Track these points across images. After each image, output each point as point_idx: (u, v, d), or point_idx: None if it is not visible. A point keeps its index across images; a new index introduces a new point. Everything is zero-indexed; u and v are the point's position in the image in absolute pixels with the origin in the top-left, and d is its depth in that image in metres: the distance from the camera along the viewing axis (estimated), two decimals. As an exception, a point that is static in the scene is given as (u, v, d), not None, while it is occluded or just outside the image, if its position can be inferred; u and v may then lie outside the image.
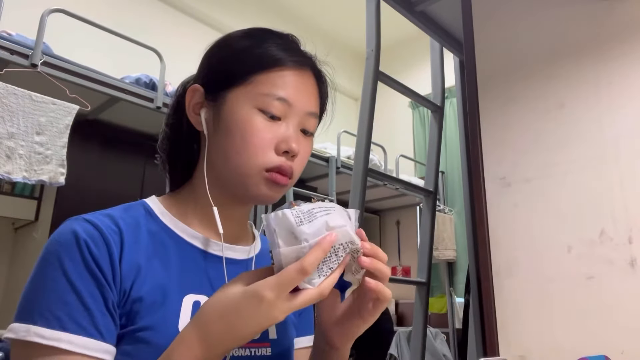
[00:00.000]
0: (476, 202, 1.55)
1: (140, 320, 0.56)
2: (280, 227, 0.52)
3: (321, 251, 0.50)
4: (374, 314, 0.58)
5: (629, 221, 1.25)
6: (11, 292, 3.02)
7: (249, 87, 0.63)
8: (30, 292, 0.55)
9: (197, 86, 0.67)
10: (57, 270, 0.55)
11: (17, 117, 2.11)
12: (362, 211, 1.72)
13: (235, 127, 0.62)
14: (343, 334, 0.61)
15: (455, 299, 4.68)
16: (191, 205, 0.68)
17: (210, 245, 0.67)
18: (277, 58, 0.65)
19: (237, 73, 0.64)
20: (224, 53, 0.68)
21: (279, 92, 0.63)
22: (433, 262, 2.48)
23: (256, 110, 0.62)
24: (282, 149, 0.62)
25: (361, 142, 1.79)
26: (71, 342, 0.52)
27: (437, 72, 2.23)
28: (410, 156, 5.36)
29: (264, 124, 0.62)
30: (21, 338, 0.52)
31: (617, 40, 1.36)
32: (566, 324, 1.30)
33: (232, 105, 0.63)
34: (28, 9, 2.69)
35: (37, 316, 0.53)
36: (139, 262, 0.59)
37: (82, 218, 0.59)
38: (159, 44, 2.96)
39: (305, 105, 0.65)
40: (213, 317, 0.52)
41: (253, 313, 0.50)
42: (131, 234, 0.60)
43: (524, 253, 1.41)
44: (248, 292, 0.51)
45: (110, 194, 2.92)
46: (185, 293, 0.61)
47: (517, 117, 1.51)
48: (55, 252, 0.56)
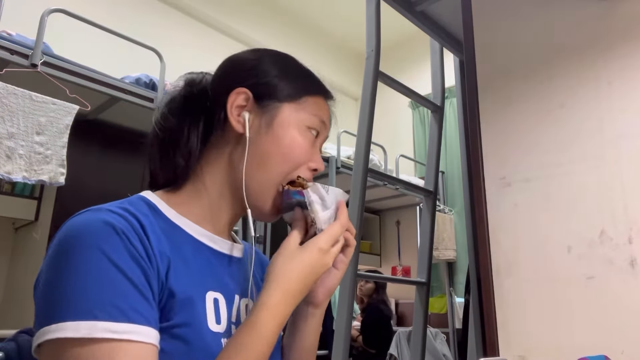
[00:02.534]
0: (476, 202, 1.55)
1: (174, 317, 0.56)
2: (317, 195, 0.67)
3: (347, 211, 0.68)
4: (345, 261, 0.70)
5: (629, 221, 1.25)
6: (11, 292, 3.02)
7: (302, 106, 0.70)
8: (73, 286, 0.50)
9: (245, 90, 0.69)
10: (102, 261, 0.52)
11: (17, 117, 2.11)
12: (362, 211, 1.72)
13: (285, 138, 0.68)
14: (324, 289, 0.71)
15: (455, 299, 4.68)
16: (200, 204, 0.68)
17: (218, 243, 0.68)
18: (320, 86, 0.75)
19: (294, 90, 0.70)
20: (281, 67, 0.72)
21: (324, 116, 0.72)
22: (433, 262, 2.48)
23: (305, 128, 0.70)
24: (313, 167, 0.71)
25: (361, 142, 1.79)
26: (140, 333, 0.51)
27: (437, 72, 2.23)
28: (410, 156, 5.36)
29: (309, 142, 0.70)
30: (85, 336, 0.48)
31: (618, 40, 1.36)
32: (566, 324, 1.30)
33: (286, 118, 0.68)
34: (28, 9, 2.69)
35: (97, 310, 0.49)
36: (168, 254, 0.59)
37: (106, 209, 0.57)
38: (159, 44, 2.96)
39: (328, 131, 0.75)
40: (290, 275, 0.61)
41: (316, 262, 0.63)
42: (151, 228, 0.59)
43: (524, 253, 1.41)
44: (309, 246, 0.63)
45: (110, 194, 2.88)
46: (206, 290, 0.62)
47: (517, 117, 1.51)
48: (92, 243, 0.52)
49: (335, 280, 0.71)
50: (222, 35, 4.89)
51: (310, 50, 5.55)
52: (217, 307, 0.62)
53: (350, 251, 0.70)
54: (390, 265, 5.58)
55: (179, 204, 0.67)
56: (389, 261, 5.64)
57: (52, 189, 2.86)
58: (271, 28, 5.21)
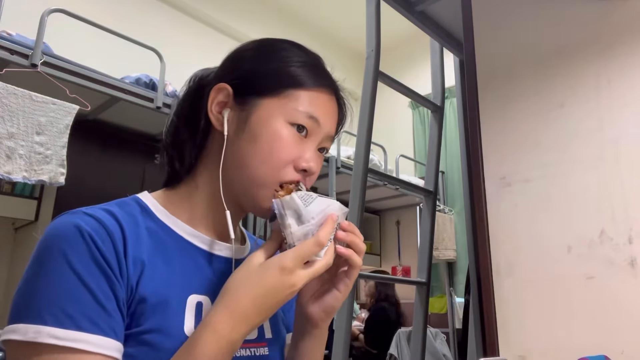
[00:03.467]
0: (476, 202, 1.55)
1: (145, 322, 0.54)
2: (290, 209, 0.59)
3: (331, 226, 0.58)
4: (348, 283, 0.64)
5: (629, 221, 1.25)
6: (11, 292, 3.00)
7: (283, 100, 0.63)
8: (33, 289, 0.51)
9: (225, 85, 0.65)
10: (62, 266, 0.51)
11: (17, 117, 2.12)
12: (362, 211, 1.72)
13: (264, 136, 0.62)
14: (323, 309, 0.64)
15: (455, 299, 4.68)
16: (192, 204, 0.66)
17: (210, 245, 0.65)
18: (315, 79, 0.66)
19: (275, 84, 0.64)
20: (262, 60, 0.66)
21: (312, 111, 0.64)
22: (433, 262, 2.48)
23: (287, 124, 0.63)
24: (301, 167, 0.63)
25: (361, 142, 1.79)
26: (88, 342, 0.49)
27: (437, 72, 2.23)
28: (410, 156, 5.36)
29: (293, 139, 0.63)
30: (31, 340, 0.48)
31: (618, 40, 1.36)
32: (566, 324, 1.30)
33: (263, 115, 0.63)
34: (28, 9, 2.69)
35: (47, 315, 0.49)
36: (143, 259, 0.57)
37: (82, 211, 0.56)
38: (159, 44, 2.97)
39: (329, 128, 0.67)
40: (240, 295, 0.55)
41: (276, 283, 0.55)
42: (132, 230, 0.58)
43: (524, 253, 1.41)
44: (270, 265, 0.56)
45: (110, 194, 2.88)
46: (188, 293, 0.60)
47: (517, 117, 1.51)
48: (57, 247, 0.52)
49: (335, 302, 0.64)
50: (222, 35, 4.89)
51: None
52: (199, 311, 0.60)
53: (354, 273, 0.63)
54: (390, 265, 5.58)
55: (172, 204, 0.66)
56: (389, 261, 5.64)
57: (52, 189, 2.86)
58: (271, 28, 5.21)
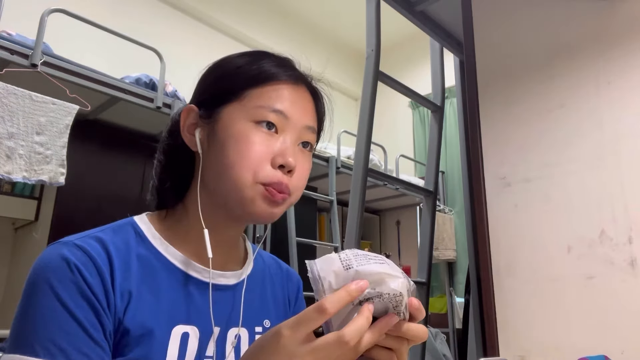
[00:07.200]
0: (476, 202, 1.55)
1: (129, 353, 0.55)
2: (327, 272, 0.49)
3: (346, 294, 0.47)
4: None
5: (629, 221, 1.25)
6: (11, 292, 3.02)
7: (243, 102, 0.62)
8: (25, 321, 0.52)
9: (191, 106, 0.66)
10: (50, 299, 0.52)
11: (17, 117, 2.11)
12: (362, 211, 1.72)
13: (229, 141, 0.61)
14: None
15: (455, 299, 4.67)
16: (184, 228, 0.66)
17: (201, 273, 0.64)
18: (271, 73, 0.64)
19: (231, 89, 0.63)
20: (219, 72, 0.67)
21: (275, 104, 0.62)
22: (433, 262, 2.48)
23: (252, 124, 0.61)
24: (277, 162, 0.60)
25: (361, 142, 1.79)
26: None
27: (437, 72, 2.23)
28: (410, 156, 5.36)
29: (260, 137, 0.61)
30: None
31: (618, 40, 1.36)
32: (566, 324, 1.30)
33: (226, 121, 0.62)
34: (28, 9, 2.69)
35: (39, 348, 0.50)
36: (130, 290, 0.58)
37: (71, 242, 0.57)
38: (159, 44, 2.96)
39: (301, 119, 0.64)
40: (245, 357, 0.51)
41: (274, 351, 0.48)
42: (121, 260, 0.58)
43: (524, 253, 1.41)
44: (271, 331, 0.50)
45: (110, 194, 2.91)
46: (174, 324, 0.60)
47: (517, 117, 1.51)
48: (45, 279, 0.53)
49: None
50: (222, 35, 4.89)
51: (311, 50, 5.55)
52: (184, 342, 0.60)
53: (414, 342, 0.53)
54: (390, 265, 5.57)
55: (167, 229, 0.66)
56: (389, 261, 5.64)
57: (52, 189, 2.86)
58: (271, 28, 5.21)
